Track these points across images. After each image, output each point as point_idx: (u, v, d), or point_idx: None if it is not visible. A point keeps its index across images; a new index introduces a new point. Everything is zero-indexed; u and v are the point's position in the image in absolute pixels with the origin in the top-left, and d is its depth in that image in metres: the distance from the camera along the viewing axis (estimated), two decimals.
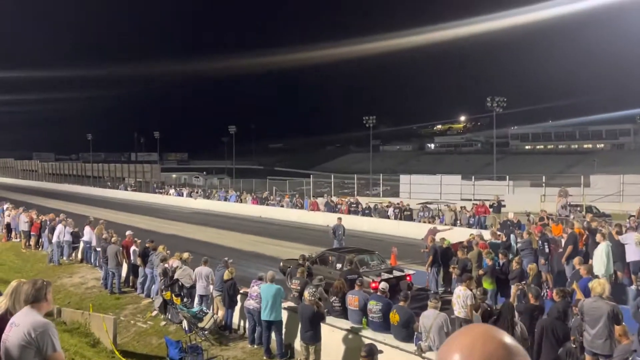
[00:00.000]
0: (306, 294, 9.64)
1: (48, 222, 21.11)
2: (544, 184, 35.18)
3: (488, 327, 1.09)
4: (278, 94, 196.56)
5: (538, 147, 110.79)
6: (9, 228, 24.20)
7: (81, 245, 19.47)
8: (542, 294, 11.01)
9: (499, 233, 15.84)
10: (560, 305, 8.16)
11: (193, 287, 12.89)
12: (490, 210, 23.67)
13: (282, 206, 34.62)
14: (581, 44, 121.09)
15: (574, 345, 7.86)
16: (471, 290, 9.66)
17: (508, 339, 1.05)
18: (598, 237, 12.54)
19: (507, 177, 38.84)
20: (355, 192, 41.82)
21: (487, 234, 16.69)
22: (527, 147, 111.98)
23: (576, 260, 11.11)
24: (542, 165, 77.92)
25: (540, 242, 13.96)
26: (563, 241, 14.00)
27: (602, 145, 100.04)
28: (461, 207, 25.40)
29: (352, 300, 10.14)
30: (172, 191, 48.53)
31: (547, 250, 13.68)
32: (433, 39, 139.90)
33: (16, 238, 23.61)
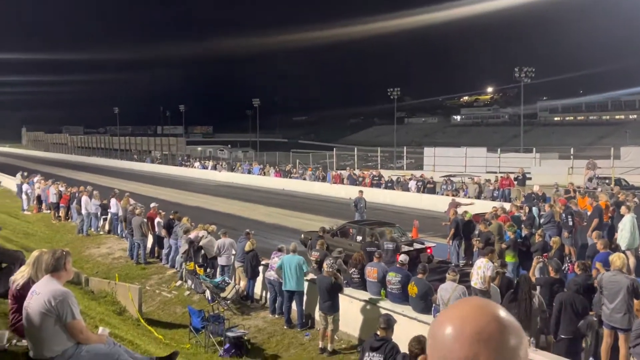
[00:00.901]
0: (325, 265, 9.75)
1: (76, 194, 21.61)
2: (572, 156, 34.42)
3: (482, 300, 1.08)
4: (302, 67, 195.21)
5: (568, 118, 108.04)
6: (39, 200, 24.87)
7: (109, 216, 19.93)
8: (565, 267, 10.89)
9: (520, 205, 15.63)
10: (580, 278, 8.07)
11: (215, 258, 13.13)
12: (515, 183, 23.31)
13: (305, 179, 34.71)
14: (612, 12, 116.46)
15: (595, 319, 7.80)
16: (493, 262, 9.63)
17: (502, 312, 1.03)
18: (623, 209, 12.27)
19: (534, 149, 38.04)
20: (379, 165, 41.65)
21: (508, 207, 16.49)
22: (556, 118, 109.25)
23: (594, 234, 10.92)
24: (572, 136, 76.13)
25: (564, 215, 13.74)
26: (588, 214, 13.76)
27: (635, 115, 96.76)
28: (485, 180, 25.08)
29: (371, 272, 10.22)
30: (197, 164, 49.05)
31: (570, 223, 13.47)
32: (460, 10, 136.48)
33: (46, 210, 24.27)
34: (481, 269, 9.20)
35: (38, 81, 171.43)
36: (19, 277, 4.77)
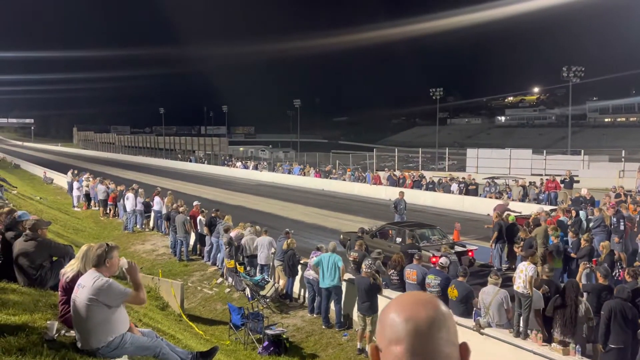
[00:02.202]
0: (363, 265, 9.72)
1: (123, 192, 22.28)
2: (623, 159, 33.04)
3: (414, 291, 1.31)
4: (343, 68, 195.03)
5: (619, 119, 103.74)
6: (88, 197, 25.78)
7: (152, 214, 20.45)
8: (615, 273, 10.47)
9: (567, 209, 15.14)
10: (629, 285, 7.75)
11: (254, 256, 13.28)
12: (562, 186, 22.58)
13: (344, 180, 34.66)
14: None
15: None
16: (535, 264, 9.37)
17: (430, 295, 1.28)
18: None
19: (582, 151, 36.74)
20: (420, 166, 41.14)
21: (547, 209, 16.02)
22: (607, 119, 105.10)
23: None
24: (624, 138, 73.15)
25: (615, 219, 13.22)
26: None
27: None
28: (530, 183, 24.41)
29: (411, 274, 10.12)
30: (238, 164, 49.72)
31: (622, 227, 12.95)
32: (506, 9, 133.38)
33: (95, 207, 25.14)
34: (523, 272, 8.97)
35: (90, 78, 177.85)
36: (68, 270, 4.96)
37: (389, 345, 1.19)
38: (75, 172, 30.51)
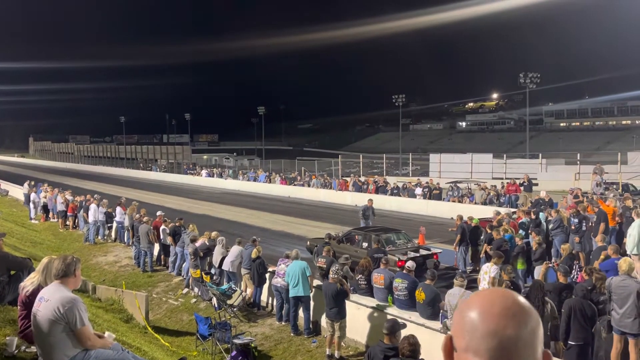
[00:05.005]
0: (330, 271, 9.75)
1: (83, 203, 21.70)
2: (578, 162, 34.27)
3: (504, 289, 1.22)
4: (307, 75, 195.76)
5: (574, 124, 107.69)
6: (46, 209, 24.98)
7: (114, 225, 19.98)
8: (573, 275, 10.79)
9: (528, 211, 15.56)
10: (586, 284, 8.02)
11: (220, 266, 13.14)
12: (522, 189, 23.23)
13: (309, 186, 34.68)
14: (619, 16, 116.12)
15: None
16: (498, 265, 9.60)
17: (522, 299, 1.17)
18: (633, 214, 12.19)
19: (540, 155, 37.95)
20: (384, 172, 41.62)
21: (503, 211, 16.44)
22: (562, 124, 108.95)
23: (598, 237, 10.89)
24: (578, 142, 75.91)
25: (577, 219, 13.62)
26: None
27: None
28: (491, 186, 25.02)
29: (378, 278, 10.19)
30: (203, 172, 49.15)
31: (584, 228, 13.37)
32: (465, 15, 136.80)
33: (54, 218, 24.38)
34: (487, 273, 9.19)
35: (45, 90, 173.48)
36: (28, 283, 4.80)
37: (466, 351, 1.12)
38: (32, 183, 29.53)
